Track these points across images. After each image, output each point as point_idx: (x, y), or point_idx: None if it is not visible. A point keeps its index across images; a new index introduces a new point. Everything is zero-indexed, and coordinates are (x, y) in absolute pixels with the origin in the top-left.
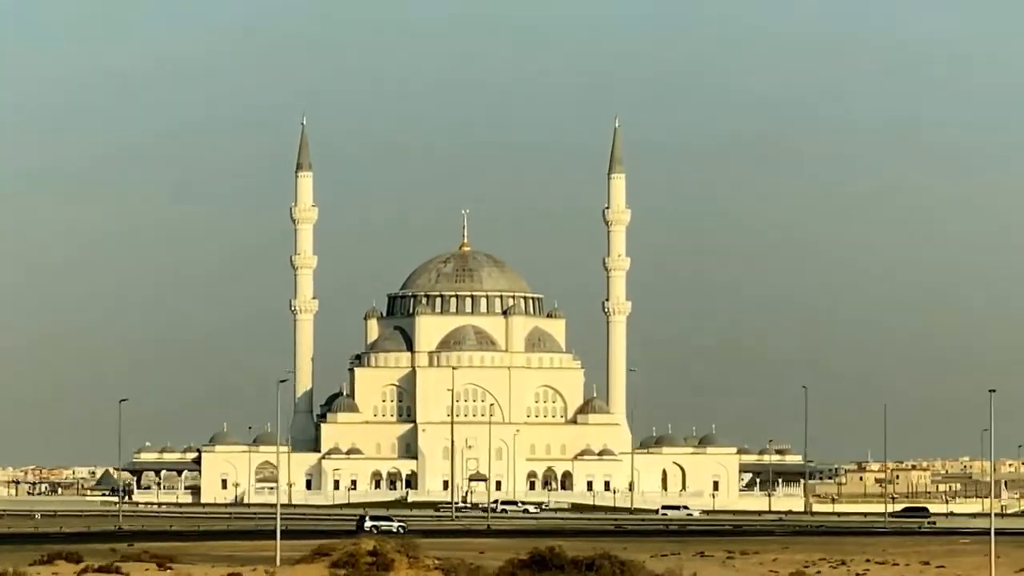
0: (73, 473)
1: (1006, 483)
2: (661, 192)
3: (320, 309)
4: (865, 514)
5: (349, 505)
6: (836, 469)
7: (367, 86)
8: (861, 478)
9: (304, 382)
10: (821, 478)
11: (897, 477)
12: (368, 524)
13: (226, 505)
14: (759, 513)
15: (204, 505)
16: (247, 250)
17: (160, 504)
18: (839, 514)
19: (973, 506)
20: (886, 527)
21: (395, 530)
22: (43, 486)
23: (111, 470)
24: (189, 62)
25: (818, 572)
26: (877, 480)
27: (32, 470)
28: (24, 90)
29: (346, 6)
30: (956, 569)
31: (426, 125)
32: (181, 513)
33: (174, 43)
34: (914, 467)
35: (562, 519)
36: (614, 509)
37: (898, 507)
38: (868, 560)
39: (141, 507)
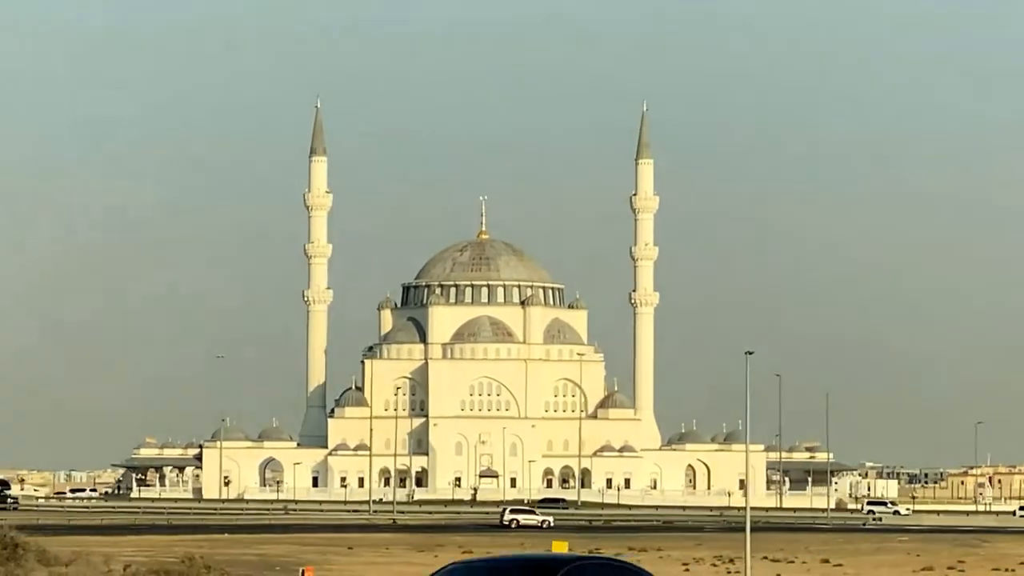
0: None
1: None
2: (689, 179)
3: (335, 299)
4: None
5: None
6: (941, 473)
7: (383, 69)
8: (963, 482)
9: (317, 376)
10: (926, 482)
11: (999, 481)
12: (507, 518)
13: (209, 501)
14: (739, 509)
15: (167, 501)
16: (258, 238)
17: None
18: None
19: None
20: (829, 524)
21: (539, 525)
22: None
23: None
24: (203, 43)
25: (686, 570)
26: (979, 484)
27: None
28: (30, 80)
29: None
30: (852, 568)
31: (444, 109)
32: (95, 508)
33: (188, 23)
34: None
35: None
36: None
37: (936, 507)
38: (764, 557)
39: (70, 503)
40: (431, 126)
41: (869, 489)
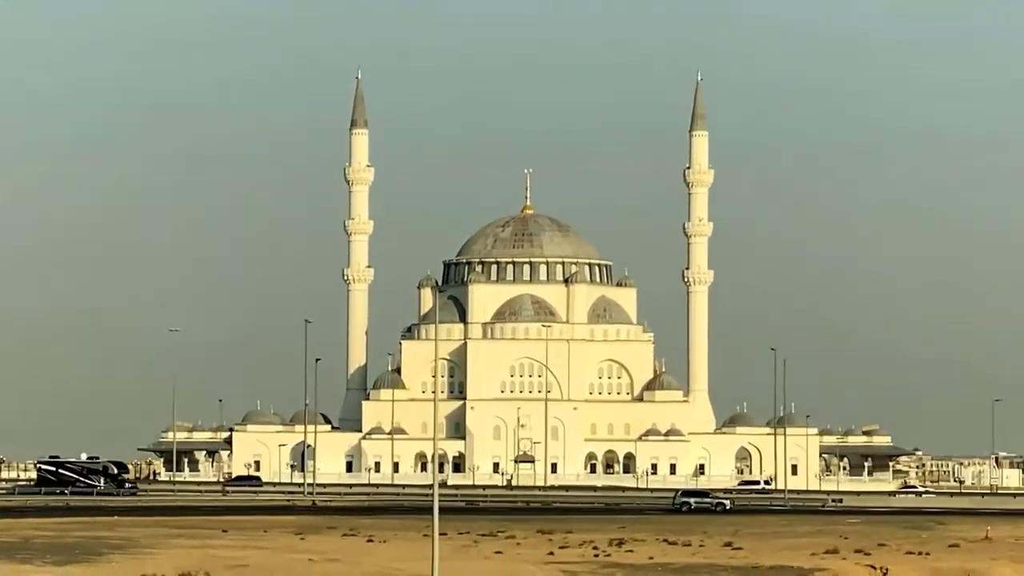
0: None
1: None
2: (745, 153)
3: (376, 278)
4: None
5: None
6: None
7: (426, 39)
8: None
9: (357, 357)
10: None
11: None
12: (679, 500)
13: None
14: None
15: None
16: (295, 214)
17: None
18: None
19: None
20: (786, 505)
21: (712, 508)
22: None
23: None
24: (240, 13)
25: (550, 554)
26: None
27: None
28: (70, 53)
29: None
30: (750, 551)
31: (489, 79)
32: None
33: None
34: None
35: (411, 496)
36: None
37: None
38: (664, 540)
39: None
40: (475, 97)
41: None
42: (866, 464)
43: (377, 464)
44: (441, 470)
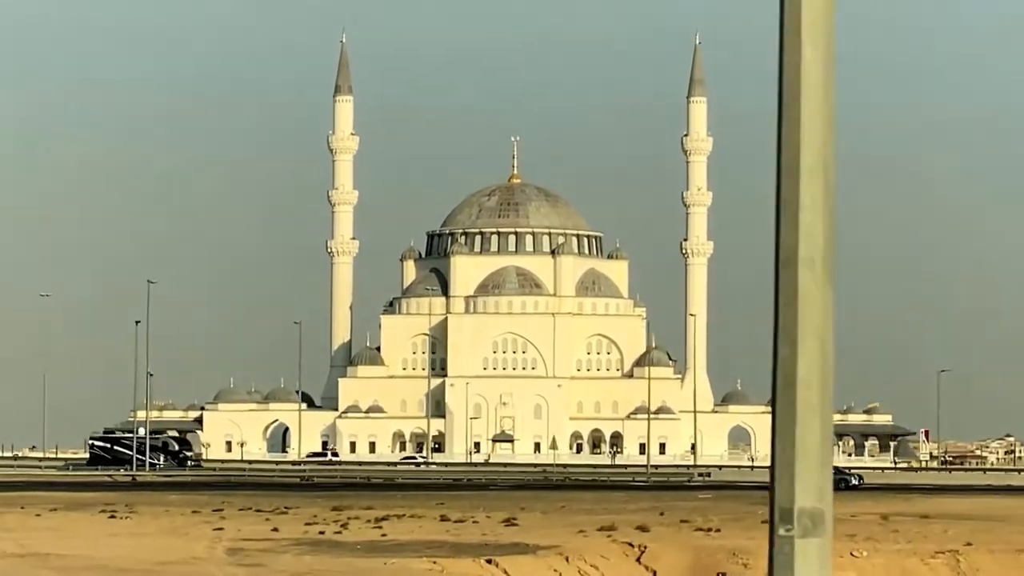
0: None
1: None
2: (744, 118)
3: (360, 250)
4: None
5: None
6: None
7: (411, 4)
8: None
9: (341, 333)
10: None
11: None
12: None
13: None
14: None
15: None
16: (276, 184)
17: None
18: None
19: None
20: (648, 481)
21: (835, 484)
22: None
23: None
24: None
25: (275, 530)
26: None
27: None
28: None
29: None
30: (524, 528)
31: (476, 45)
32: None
33: None
34: None
35: (253, 474)
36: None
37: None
38: (443, 516)
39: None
40: (463, 62)
41: None
42: (866, 444)
43: (352, 444)
44: (420, 449)
